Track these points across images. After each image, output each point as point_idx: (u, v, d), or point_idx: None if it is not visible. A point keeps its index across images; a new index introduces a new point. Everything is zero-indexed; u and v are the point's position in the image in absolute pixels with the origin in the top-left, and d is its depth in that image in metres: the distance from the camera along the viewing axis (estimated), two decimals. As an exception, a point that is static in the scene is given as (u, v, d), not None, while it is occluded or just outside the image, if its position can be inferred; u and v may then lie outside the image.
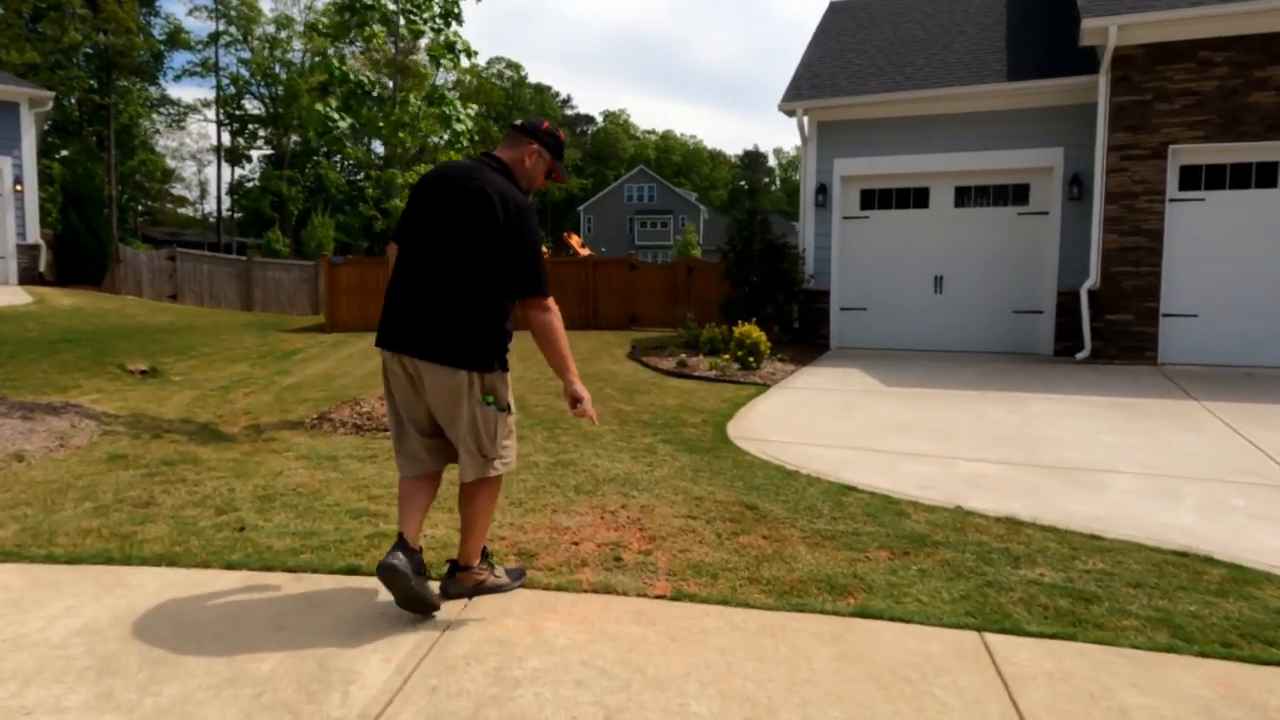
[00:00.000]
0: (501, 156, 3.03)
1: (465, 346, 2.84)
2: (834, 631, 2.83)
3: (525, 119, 3.25)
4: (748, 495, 4.48)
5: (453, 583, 3.05)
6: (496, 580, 3.11)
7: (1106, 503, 4.48)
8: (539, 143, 3.05)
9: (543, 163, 3.09)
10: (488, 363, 2.89)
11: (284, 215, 52.80)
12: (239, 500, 4.23)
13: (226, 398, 7.63)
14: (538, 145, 3.05)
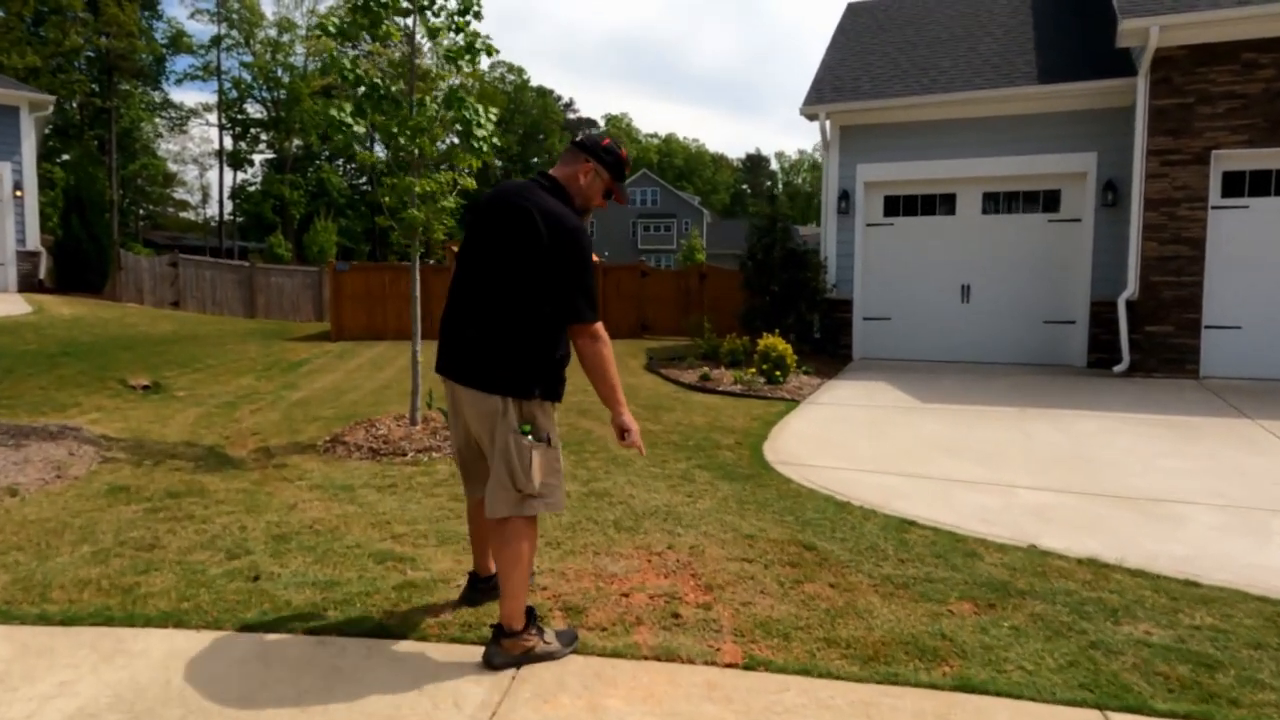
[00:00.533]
0: (555, 174, 2.85)
1: (501, 371, 2.70)
2: (937, 710, 2.48)
3: (585, 135, 3.04)
4: (802, 532, 4.12)
5: (498, 651, 2.69)
6: (546, 647, 2.75)
7: (1189, 540, 4.13)
8: (596, 160, 2.85)
9: (600, 181, 2.88)
10: (526, 389, 2.71)
11: (286, 219, 52.51)
12: (251, 540, 3.88)
13: (233, 415, 7.28)
14: (594, 163, 2.85)
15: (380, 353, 13.14)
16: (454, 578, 3.43)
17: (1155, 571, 3.69)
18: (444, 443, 5.84)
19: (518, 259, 2.67)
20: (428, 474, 5.22)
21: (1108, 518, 4.47)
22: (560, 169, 2.85)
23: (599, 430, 6.73)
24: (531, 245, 2.64)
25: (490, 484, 2.72)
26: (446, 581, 3.38)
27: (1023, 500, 4.80)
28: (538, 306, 2.67)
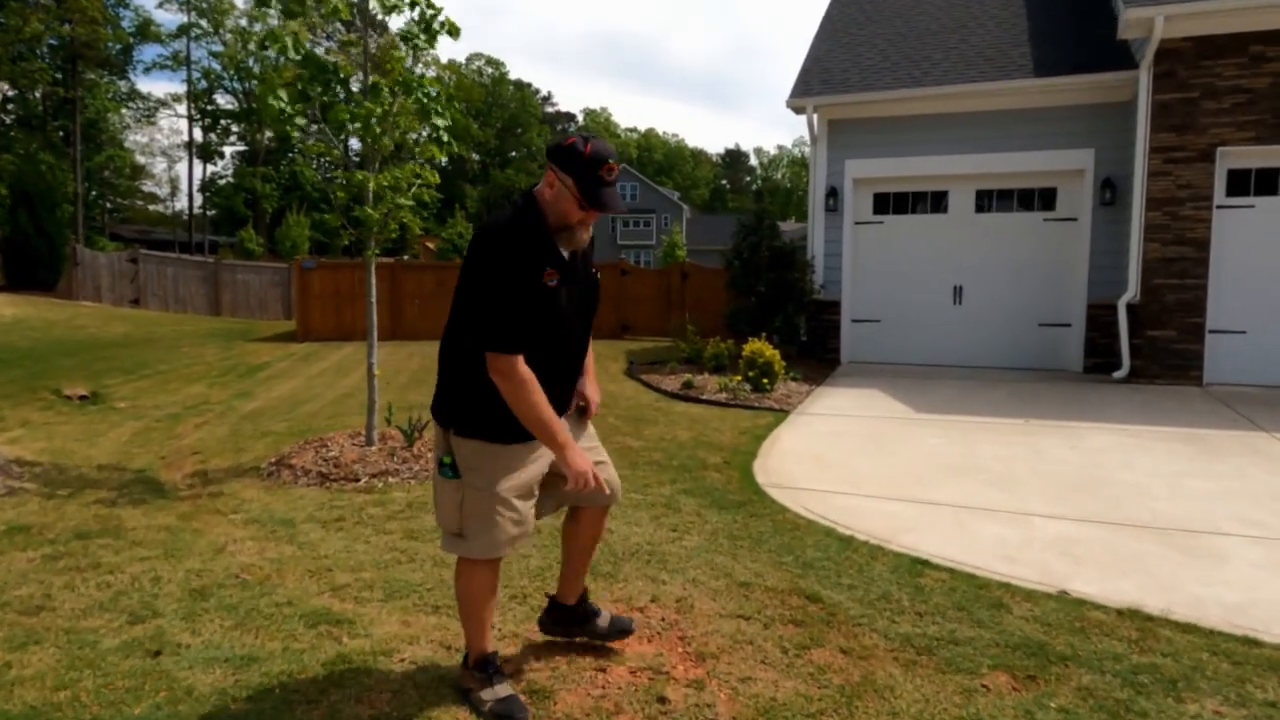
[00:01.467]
0: (535, 189, 2.43)
1: (438, 397, 2.58)
2: (991, 843, 1.98)
3: (554, 138, 2.55)
4: (804, 577, 3.62)
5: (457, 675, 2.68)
6: (481, 702, 2.49)
7: (1235, 582, 3.68)
8: (557, 166, 2.33)
9: (566, 191, 2.32)
10: (448, 420, 2.51)
11: (258, 213, 51.40)
12: (163, 598, 3.31)
13: (174, 431, 6.67)
14: (555, 170, 2.33)
15: (347, 355, 12.51)
16: (398, 647, 2.89)
17: (1207, 626, 3.22)
18: (402, 465, 5.28)
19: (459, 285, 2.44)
20: (381, 504, 4.67)
21: (1140, 554, 4.01)
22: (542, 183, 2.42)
23: (575, 447, 6.19)
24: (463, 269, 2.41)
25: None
26: (389, 654, 2.84)
27: (1043, 532, 4.33)
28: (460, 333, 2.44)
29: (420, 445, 5.63)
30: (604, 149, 2.32)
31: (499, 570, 2.60)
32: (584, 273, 2.51)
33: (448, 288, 15.76)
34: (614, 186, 2.34)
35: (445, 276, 15.96)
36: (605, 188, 2.31)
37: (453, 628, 3.07)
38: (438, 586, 3.47)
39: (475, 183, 69.12)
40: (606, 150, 2.32)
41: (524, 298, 2.28)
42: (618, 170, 2.33)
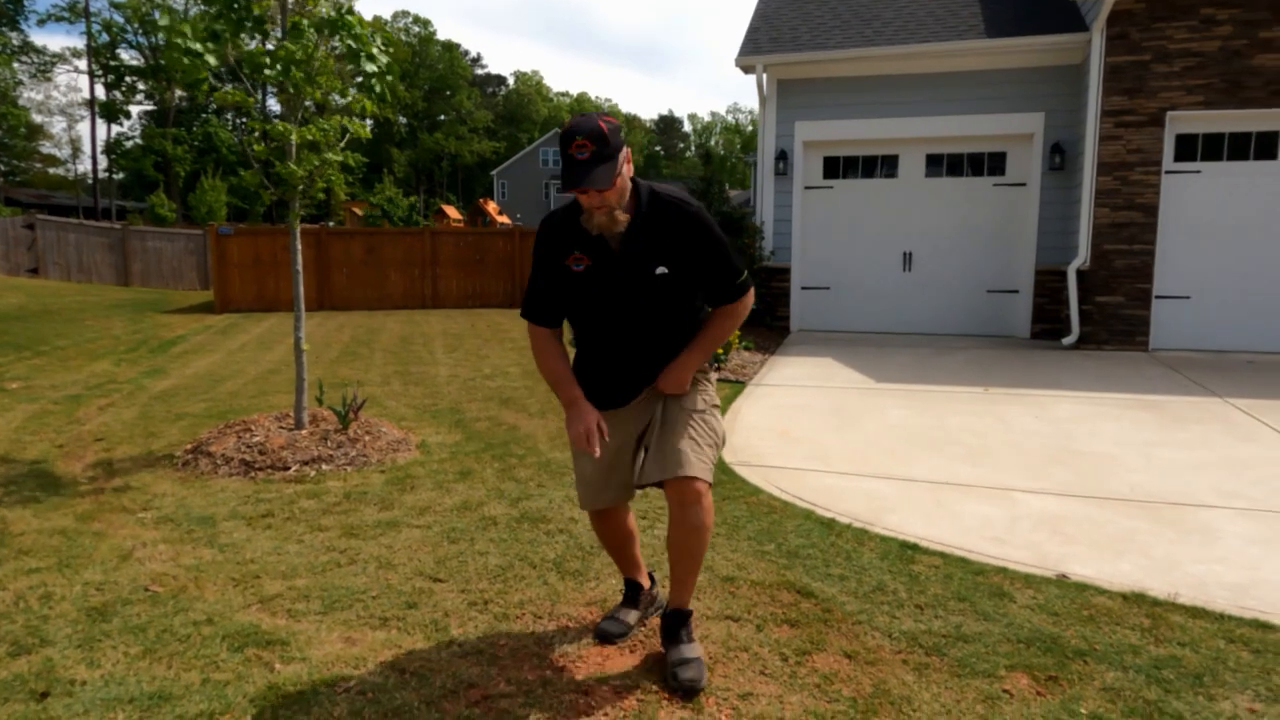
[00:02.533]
0: None
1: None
2: None
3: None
4: (791, 569, 3.33)
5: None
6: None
7: (1231, 559, 3.53)
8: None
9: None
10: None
11: (170, 178, 48.61)
12: (54, 620, 2.80)
13: (74, 414, 5.99)
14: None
15: (271, 328, 11.73)
16: (341, 673, 2.47)
17: (1216, 609, 3.05)
18: (336, 450, 4.79)
19: None
20: (314, 495, 4.19)
21: (1130, 531, 3.84)
22: None
23: (525, 425, 5.79)
24: None
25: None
26: (331, 683, 2.42)
27: (1028, 509, 4.14)
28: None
29: (356, 428, 5.14)
30: (572, 124, 2.19)
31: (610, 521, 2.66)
32: (633, 262, 2.36)
33: (378, 255, 15.00)
34: (587, 163, 2.16)
35: (375, 243, 15.17)
36: (573, 165, 2.17)
37: (405, 644, 2.67)
38: (384, 593, 3.05)
39: (403, 147, 66.81)
40: (574, 125, 2.18)
41: (548, 277, 2.40)
42: (590, 148, 2.14)
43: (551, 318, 2.47)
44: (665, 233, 2.35)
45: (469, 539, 3.60)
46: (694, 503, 2.34)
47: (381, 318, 13.26)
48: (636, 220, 2.32)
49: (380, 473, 4.60)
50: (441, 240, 15.38)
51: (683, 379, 2.46)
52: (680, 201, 2.36)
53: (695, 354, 2.47)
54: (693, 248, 2.36)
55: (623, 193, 2.28)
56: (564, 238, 2.37)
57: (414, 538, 3.62)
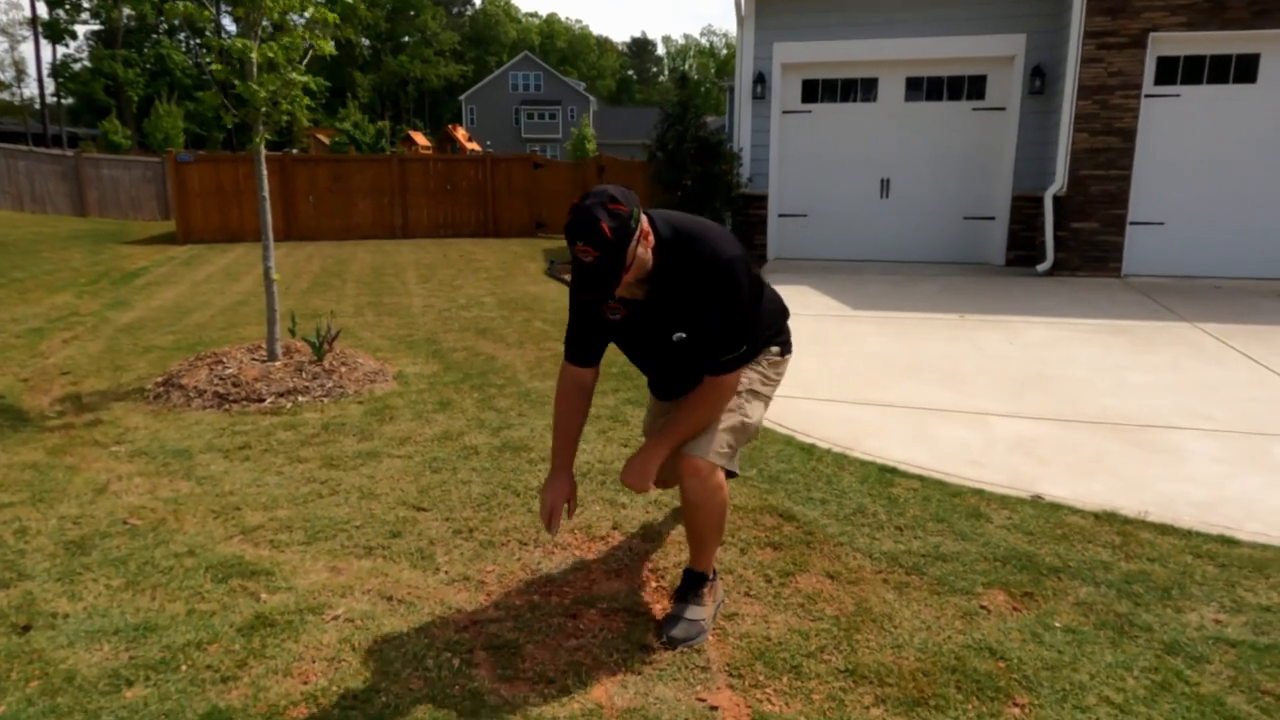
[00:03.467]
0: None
1: None
2: (1034, 796, 1.77)
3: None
4: (772, 493, 3.37)
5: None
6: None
7: (1198, 478, 3.63)
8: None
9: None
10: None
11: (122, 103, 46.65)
12: (31, 554, 2.77)
13: (37, 348, 5.83)
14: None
15: (237, 258, 11.45)
16: (328, 601, 2.47)
17: (1183, 526, 3.14)
18: (312, 382, 4.72)
19: None
20: (292, 427, 4.14)
21: (1102, 452, 3.92)
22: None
23: (504, 355, 5.74)
24: None
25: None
26: (318, 610, 2.42)
27: (1002, 432, 4.20)
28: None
29: (331, 359, 5.06)
30: (574, 219, 1.99)
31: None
32: (655, 323, 2.25)
33: (345, 182, 14.60)
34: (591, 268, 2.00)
35: (342, 170, 14.75)
36: (579, 268, 2.03)
37: (391, 573, 2.67)
38: (367, 523, 3.04)
39: (366, 70, 64.47)
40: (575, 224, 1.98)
41: (585, 322, 2.32)
42: (593, 253, 1.97)
43: (586, 358, 2.38)
44: (688, 284, 2.15)
45: (451, 468, 3.59)
46: (689, 476, 2.25)
47: (351, 248, 12.98)
48: (658, 271, 2.14)
49: (358, 404, 4.56)
50: (410, 168, 14.98)
51: (645, 470, 2.26)
52: (708, 248, 2.14)
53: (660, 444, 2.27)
54: (707, 297, 2.15)
55: (642, 269, 2.10)
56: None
57: (395, 468, 3.60)
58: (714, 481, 2.26)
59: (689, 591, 2.38)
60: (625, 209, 1.99)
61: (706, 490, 2.26)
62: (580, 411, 2.41)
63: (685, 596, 2.37)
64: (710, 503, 2.28)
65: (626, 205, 2.00)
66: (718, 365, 2.21)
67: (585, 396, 2.41)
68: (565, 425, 2.39)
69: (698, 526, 2.34)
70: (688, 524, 2.36)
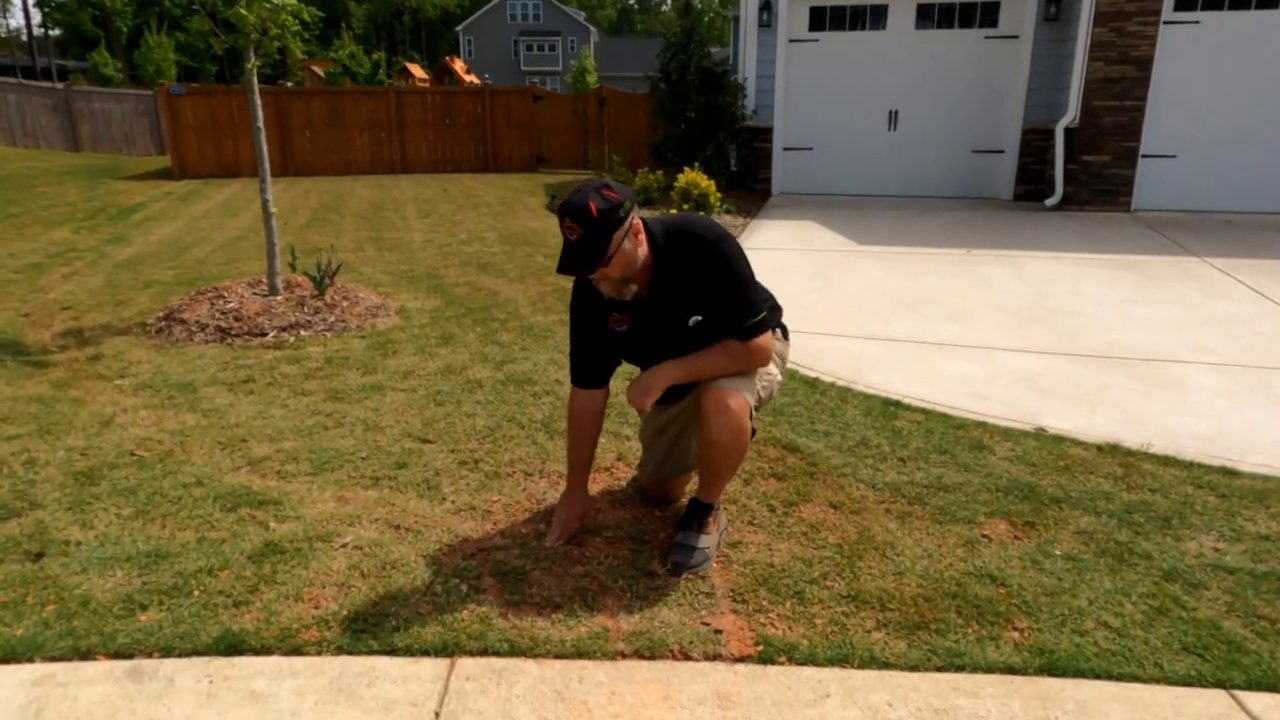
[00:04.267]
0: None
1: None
2: (1031, 715, 1.82)
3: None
4: (775, 425, 3.37)
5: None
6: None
7: (1201, 411, 3.64)
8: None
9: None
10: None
11: (110, 33, 45.49)
12: (41, 484, 2.79)
13: (37, 283, 5.80)
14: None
15: (234, 194, 11.31)
16: (336, 529, 2.50)
17: (1185, 458, 3.16)
18: (314, 316, 4.69)
19: None
20: (295, 361, 4.14)
21: (1105, 385, 3.92)
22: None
23: (506, 290, 5.70)
24: None
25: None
26: (327, 538, 2.45)
27: (1007, 366, 4.20)
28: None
29: (333, 293, 5.03)
30: (566, 199, 2.09)
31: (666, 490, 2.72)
32: (667, 315, 2.28)
33: (341, 116, 14.33)
34: (575, 245, 2.08)
35: (337, 104, 14.44)
36: (565, 247, 2.10)
37: (398, 503, 2.69)
38: (373, 454, 3.06)
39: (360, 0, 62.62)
40: (565, 202, 2.08)
41: (589, 341, 2.36)
42: (578, 230, 2.05)
43: (594, 378, 2.40)
44: (689, 274, 2.21)
45: (455, 401, 3.60)
46: (720, 412, 2.21)
47: (349, 183, 12.80)
48: (658, 272, 2.22)
49: (360, 338, 4.54)
50: (408, 100, 14.66)
51: (650, 389, 2.26)
52: (690, 235, 2.21)
53: (674, 369, 2.26)
54: (708, 277, 2.21)
55: (629, 264, 2.14)
56: (600, 302, 2.29)
57: (399, 401, 3.61)
58: (742, 422, 2.26)
59: (694, 520, 2.40)
60: (617, 198, 2.08)
61: (733, 429, 2.25)
62: (592, 436, 2.46)
63: (690, 525, 2.39)
64: (734, 443, 2.28)
65: (619, 195, 2.09)
66: (743, 332, 2.24)
67: (597, 420, 2.46)
68: (578, 448, 2.44)
69: (715, 462, 2.33)
70: (705, 459, 2.35)
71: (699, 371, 2.28)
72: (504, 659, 1.95)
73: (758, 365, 2.33)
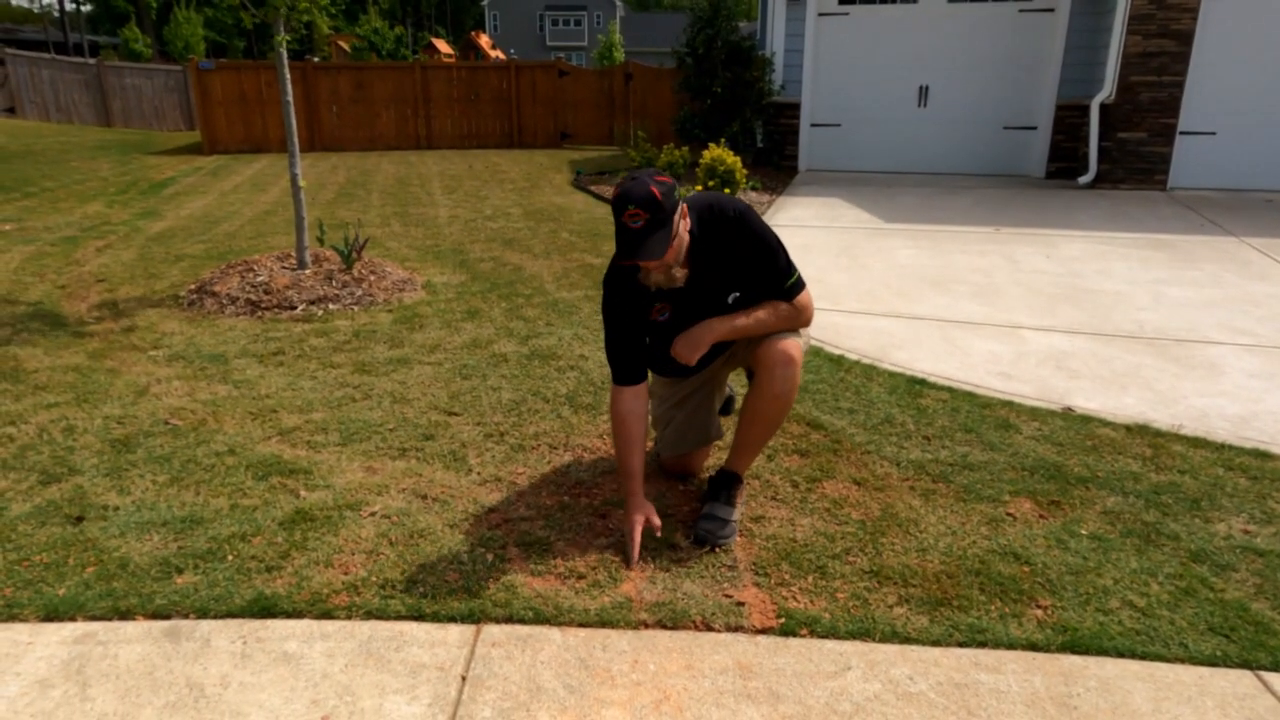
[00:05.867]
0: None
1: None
2: (1054, 691, 1.82)
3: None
4: (800, 402, 3.37)
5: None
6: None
7: (1234, 393, 3.57)
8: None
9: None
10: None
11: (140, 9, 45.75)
12: (80, 451, 2.86)
13: (72, 256, 5.90)
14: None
15: (263, 169, 11.40)
16: (365, 499, 2.55)
17: (1216, 440, 3.11)
18: (342, 290, 4.74)
19: None
20: (324, 334, 4.19)
21: (1135, 366, 3.87)
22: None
23: (530, 265, 5.72)
24: None
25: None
26: (356, 507, 2.50)
27: (1035, 345, 4.15)
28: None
29: (360, 268, 5.07)
30: (624, 189, 2.07)
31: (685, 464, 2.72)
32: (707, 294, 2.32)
33: (368, 91, 14.36)
34: (642, 232, 2.05)
35: (364, 79, 14.47)
36: (628, 236, 2.07)
37: (425, 473, 2.74)
38: (400, 426, 3.10)
39: (386, -26, 62.35)
40: (626, 191, 2.06)
41: (630, 336, 2.31)
42: (644, 216, 2.03)
43: (636, 374, 2.35)
44: (723, 252, 2.27)
45: (481, 375, 3.63)
46: (785, 364, 2.26)
47: (375, 159, 12.86)
48: (695, 254, 2.25)
49: (388, 312, 4.59)
50: (433, 76, 14.65)
51: (699, 340, 2.28)
52: (720, 212, 2.26)
53: (720, 325, 2.29)
54: (742, 251, 2.27)
55: (681, 249, 2.17)
56: (639, 295, 2.28)
57: (426, 374, 3.64)
58: (798, 378, 2.32)
59: (721, 491, 2.42)
60: (670, 182, 2.10)
61: (792, 383, 2.30)
62: (643, 438, 2.35)
63: (717, 496, 2.41)
64: (790, 396, 2.32)
65: (671, 180, 2.12)
66: (786, 293, 2.30)
67: (644, 421, 2.37)
68: (630, 455, 2.31)
69: (771, 418, 2.35)
70: (757, 417, 2.36)
71: (747, 328, 2.31)
72: (529, 626, 1.98)
73: (803, 324, 2.37)
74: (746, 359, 2.45)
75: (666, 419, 2.66)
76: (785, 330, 2.33)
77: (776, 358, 2.27)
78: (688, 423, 2.62)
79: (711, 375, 2.61)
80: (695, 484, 2.70)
